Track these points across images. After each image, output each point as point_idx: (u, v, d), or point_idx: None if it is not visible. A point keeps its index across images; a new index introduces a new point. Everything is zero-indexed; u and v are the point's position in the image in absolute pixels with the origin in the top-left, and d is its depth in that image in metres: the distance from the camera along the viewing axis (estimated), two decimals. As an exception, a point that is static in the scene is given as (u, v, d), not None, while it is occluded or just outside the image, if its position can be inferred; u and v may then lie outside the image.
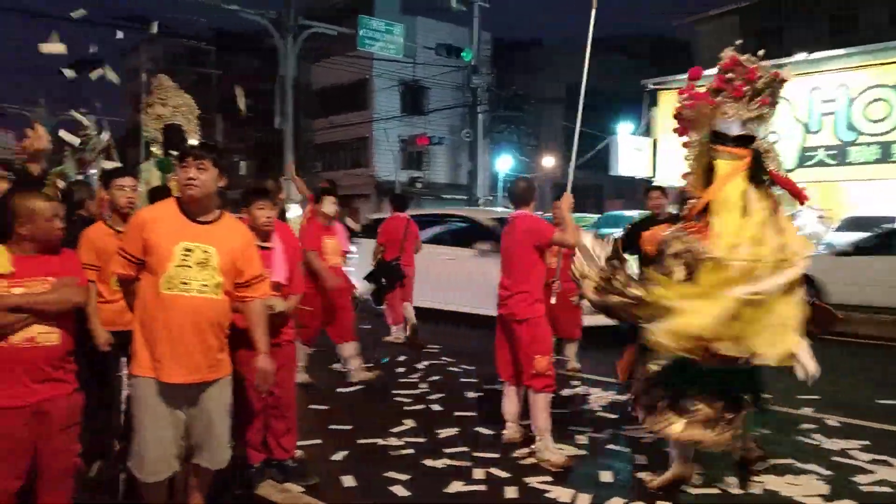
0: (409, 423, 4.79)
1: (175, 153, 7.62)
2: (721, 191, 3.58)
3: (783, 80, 3.66)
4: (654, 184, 6.17)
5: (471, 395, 5.66)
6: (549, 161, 31.72)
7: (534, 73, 32.11)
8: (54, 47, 5.66)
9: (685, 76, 3.98)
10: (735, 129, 3.61)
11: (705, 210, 3.66)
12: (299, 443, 3.98)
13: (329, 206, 5.89)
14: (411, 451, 4.27)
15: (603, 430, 4.71)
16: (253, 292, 2.92)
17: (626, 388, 3.90)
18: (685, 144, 3.87)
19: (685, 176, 3.92)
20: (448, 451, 4.25)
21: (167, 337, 2.66)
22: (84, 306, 2.86)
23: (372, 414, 5.07)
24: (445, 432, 4.61)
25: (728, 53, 3.66)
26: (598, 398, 5.54)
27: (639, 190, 24.45)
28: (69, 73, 7.34)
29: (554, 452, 4.18)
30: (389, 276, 7.42)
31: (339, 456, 4.16)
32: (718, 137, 3.65)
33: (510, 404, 4.50)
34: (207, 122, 29.96)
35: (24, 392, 2.52)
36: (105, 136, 7.99)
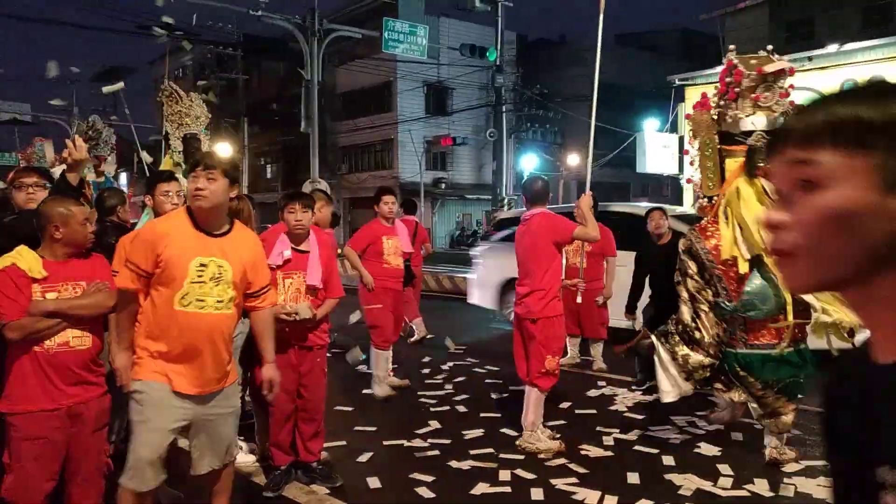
0: (434, 425, 4.80)
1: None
2: (729, 187, 3.86)
3: (779, 72, 3.84)
4: (655, 206, 6.13)
5: (496, 396, 5.64)
6: (574, 159, 31.49)
7: (559, 71, 31.90)
8: (114, 87, 6.27)
9: (713, 71, 4.10)
10: (740, 127, 3.88)
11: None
12: (325, 444, 4.01)
13: (387, 205, 5.75)
14: (436, 452, 4.28)
15: (630, 431, 4.66)
16: (261, 302, 2.89)
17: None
18: (685, 152, 4.17)
19: (689, 180, 4.19)
20: (474, 452, 4.25)
21: (181, 353, 2.60)
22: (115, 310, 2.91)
23: (397, 415, 5.09)
24: (471, 433, 4.61)
25: (728, 58, 3.91)
26: (625, 399, 5.49)
27: (666, 187, 24.20)
28: (114, 87, 7.58)
29: (545, 440, 4.26)
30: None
31: (364, 457, 4.18)
32: (726, 138, 3.93)
33: None
34: (234, 127, 30.24)
35: (59, 395, 2.58)
36: (111, 134, 8.26)
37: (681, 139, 20.27)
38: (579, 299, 6.08)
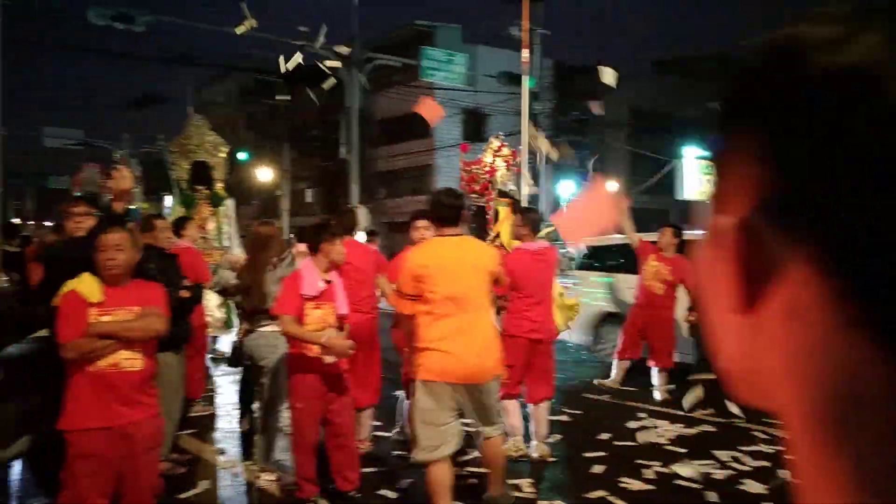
0: (474, 452, 4.77)
1: (201, 187, 8.25)
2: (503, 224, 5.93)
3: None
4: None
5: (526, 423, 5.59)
6: (612, 185, 31.31)
7: (596, 97, 31.90)
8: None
9: None
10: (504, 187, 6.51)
11: None
12: (363, 469, 4.03)
13: (418, 231, 4.69)
14: (475, 480, 4.26)
15: (671, 465, 4.57)
16: None
17: None
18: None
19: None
20: (511, 481, 4.22)
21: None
22: (165, 335, 2.99)
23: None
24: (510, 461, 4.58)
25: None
26: (666, 431, 5.38)
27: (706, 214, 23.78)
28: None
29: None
30: None
31: (404, 483, 4.19)
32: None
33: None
34: (276, 152, 30.81)
35: (111, 414, 2.67)
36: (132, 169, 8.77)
37: (721, 166, 20.08)
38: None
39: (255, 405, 4.63)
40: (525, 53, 10.03)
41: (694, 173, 20.43)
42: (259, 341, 4.15)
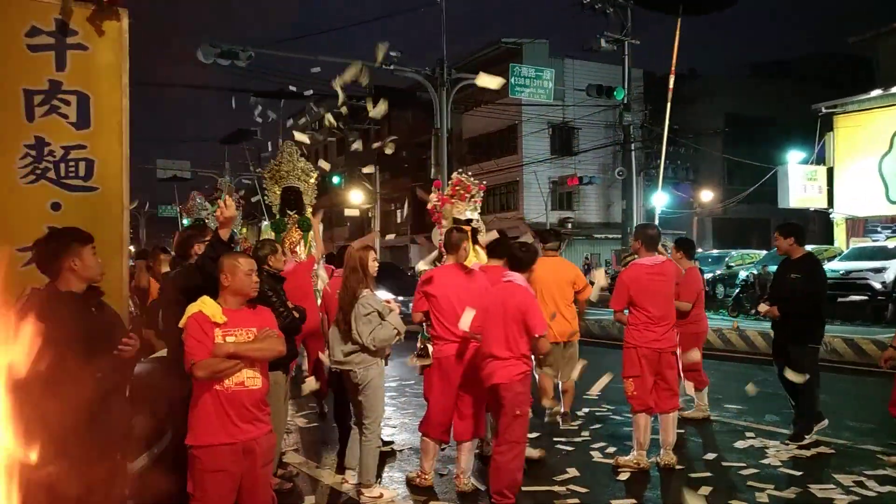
0: (572, 472, 4.71)
1: (291, 212, 8.56)
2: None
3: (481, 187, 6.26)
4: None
5: (629, 443, 5.45)
6: (707, 195, 30.16)
7: (689, 105, 30.92)
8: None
9: (867, 96, 4.05)
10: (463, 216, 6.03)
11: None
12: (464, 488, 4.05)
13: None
14: (576, 500, 4.21)
15: (787, 488, 4.33)
16: None
17: None
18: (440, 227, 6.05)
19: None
20: (615, 502, 4.14)
21: None
22: (283, 356, 3.13)
23: (535, 461, 5.04)
24: (608, 480, 4.49)
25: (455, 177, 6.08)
26: (778, 452, 5.11)
27: (811, 223, 22.50)
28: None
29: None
30: None
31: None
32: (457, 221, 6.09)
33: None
34: (366, 175, 31.58)
35: (236, 431, 2.82)
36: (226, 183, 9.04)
37: (829, 171, 18.91)
38: None
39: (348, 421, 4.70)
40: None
41: (797, 180, 19.32)
42: (354, 359, 4.22)
